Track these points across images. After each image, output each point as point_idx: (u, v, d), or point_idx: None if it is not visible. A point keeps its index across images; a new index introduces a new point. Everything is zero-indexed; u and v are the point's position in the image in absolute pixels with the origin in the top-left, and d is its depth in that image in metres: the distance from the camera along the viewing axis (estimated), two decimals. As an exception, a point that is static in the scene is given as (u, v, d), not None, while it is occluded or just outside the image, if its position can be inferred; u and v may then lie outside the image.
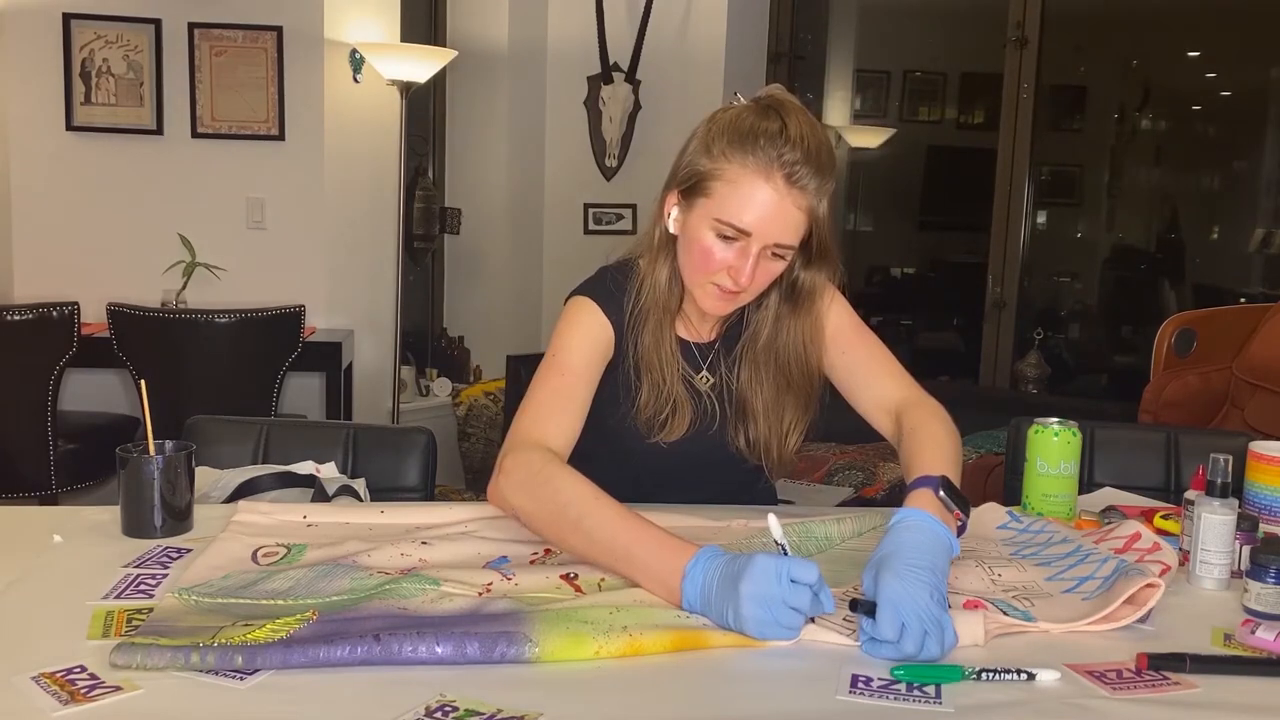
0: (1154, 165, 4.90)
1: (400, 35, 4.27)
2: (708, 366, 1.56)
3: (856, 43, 5.27)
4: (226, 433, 1.74)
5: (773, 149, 1.34)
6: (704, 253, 1.40)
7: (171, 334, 3.41)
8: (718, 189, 1.37)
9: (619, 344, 1.49)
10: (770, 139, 1.35)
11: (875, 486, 3.42)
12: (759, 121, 1.36)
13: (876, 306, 5.20)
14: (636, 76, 4.67)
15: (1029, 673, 1.02)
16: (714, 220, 1.38)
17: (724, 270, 1.39)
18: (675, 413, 1.49)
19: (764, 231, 1.36)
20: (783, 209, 1.35)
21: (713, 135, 1.40)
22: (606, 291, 1.51)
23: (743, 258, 1.38)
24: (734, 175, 1.36)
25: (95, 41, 3.98)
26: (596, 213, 4.75)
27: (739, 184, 1.36)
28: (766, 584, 1.05)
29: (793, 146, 1.34)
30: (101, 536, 1.33)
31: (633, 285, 1.50)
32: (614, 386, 1.50)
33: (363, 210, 4.23)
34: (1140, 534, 1.33)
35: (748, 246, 1.37)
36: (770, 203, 1.35)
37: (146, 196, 4.06)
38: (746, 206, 1.35)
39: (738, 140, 1.36)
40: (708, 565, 1.11)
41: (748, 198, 1.35)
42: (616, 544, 1.18)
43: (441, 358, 4.85)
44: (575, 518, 1.23)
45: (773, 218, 1.36)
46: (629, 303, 1.49)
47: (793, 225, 1.37)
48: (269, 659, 0.98)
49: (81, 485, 3.48)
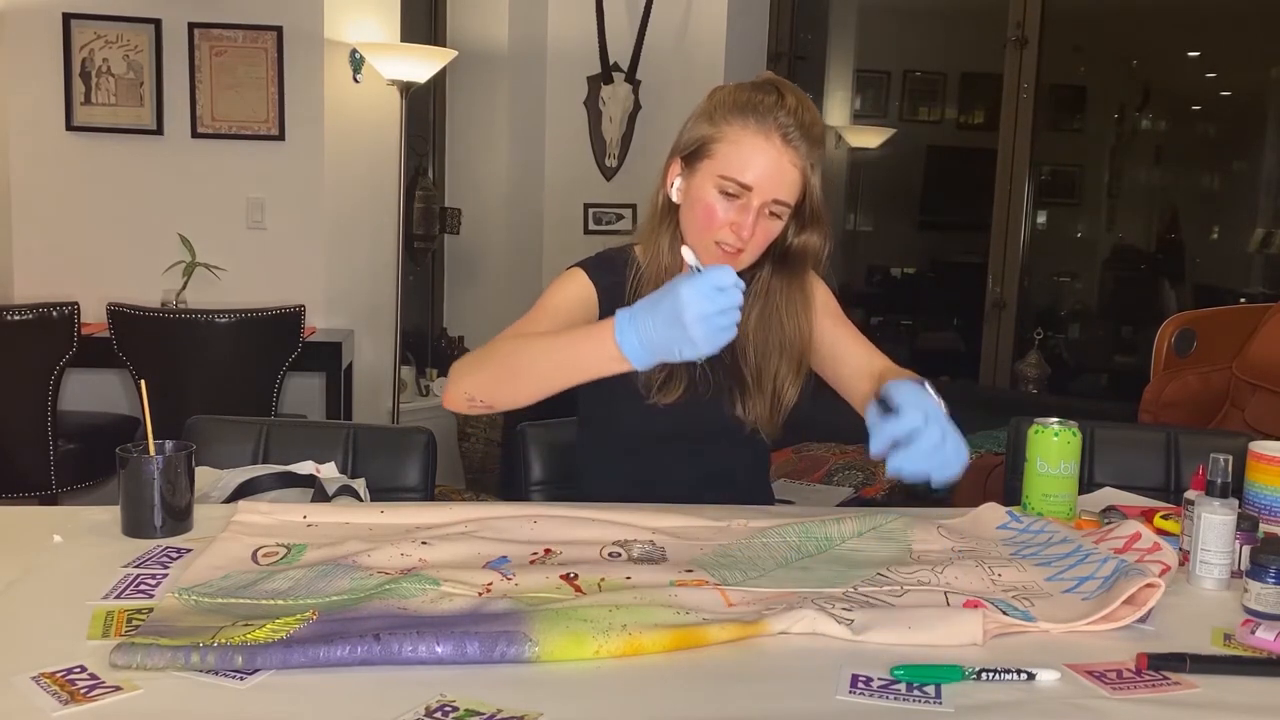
0: (1154, 165, 4.90)
1: (400, 35, 4.27)
2: None
3: (856, 43, 5.27)
4: (226, 433, 1.74)
5: (770, 115, 1.47)
6: (707, 210, 1.48)
7: (171, 334, 3.41)
8: (720, 150, 1.48)
9: (608, 304, 1.53)
10: (768, 107, 1.47)
11: (875, 486, 3.42)
12: (757, 94, 1.49)
13: (876, 306, 5.20)
14: (636, 76, 4.67)
15: (1029, 673, 1.02)
16: (718, 178, 1.47)
17: (726, 226, 1.48)
18: (672, 375, 1.55)
19: (764, 187, 1.46)
20: (780, 166, 1.46)
21: (714, 105, 1.52)
22: (599, 263, 1.60)
23: (744, 213, 1.47)
24: (735, 136, 1.47)
25: (95, 41, 3.98)
26: (596, 213, 4.75)
27: (740, 143, 1.47)
28: (701, 303, 1.15)
29: (788, 113, 1.47)
30: (101, 536, 1.33)
31: (631, 260, 1.59)
32: None
33: (363, 210, 4.23)
34: (1140, 534, 1.33)
35: (749, 202, 1.47)
36: (769, 159, 1.46)
37: (146, 196, 4.06)
38: (748, 164, 1.46)
39: (738, 108, 1.48)
40: (635, 318, 1.21)
41: (749, 155, 1.46)
42: (554, 349, 1.33)
43: (441, 358, 4.85)
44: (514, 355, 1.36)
45: (771, 174, 1.46)
46: (630, 274, 1.57)
47: (789, 183, 1.48)
48: (269, 659, 0.98)
49: (81, 485, 3.48)
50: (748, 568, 1.28)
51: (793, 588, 1.21)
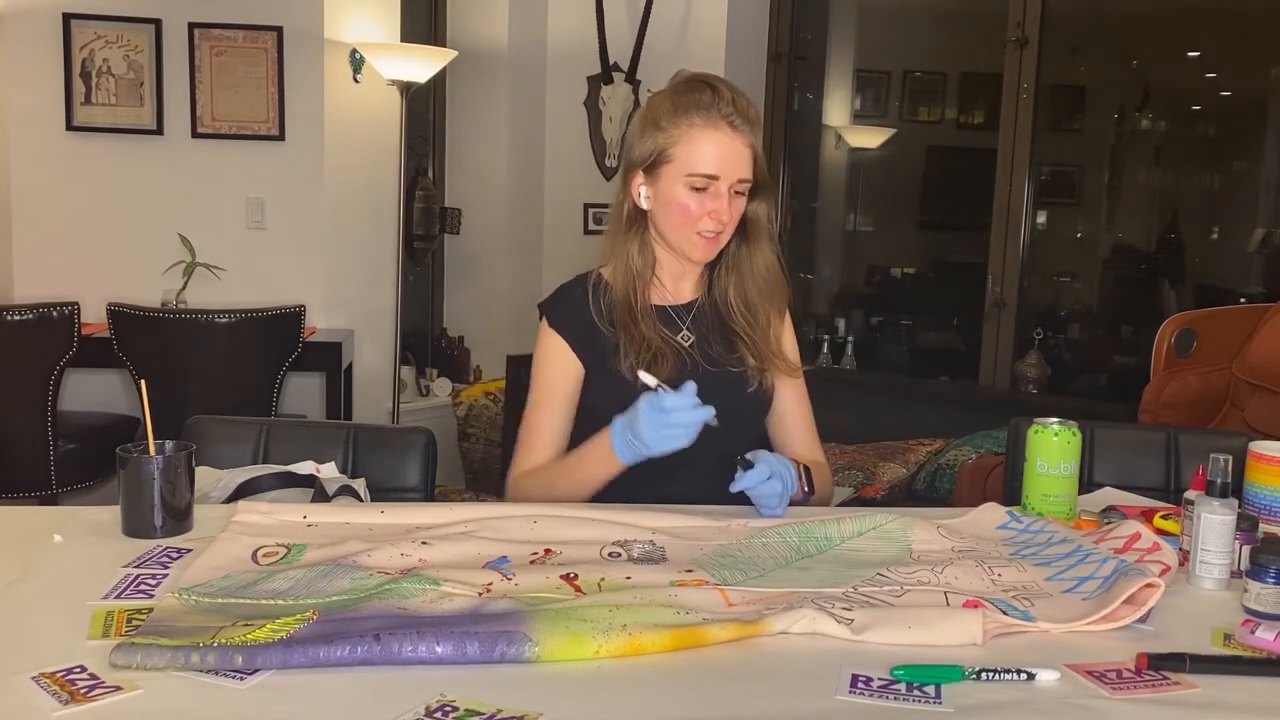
0: (1154, 165, 4.89)
1: (400, 35, 4.27)
2: (689, 324, 1.73)
3: (856, 43, 5.26)
4: (226, 433, 1.74)
5: (713, 108, 1.61)
6: (683, 209, 1.63)
7: (171, 334, 3.41)
8: (678, 152, 1.62)
9: (585, 344, 1.68)
10: (706, 100, 1.62)
11: (875, 486, 3.42)
12: (690, 94, 1.63)
13: (876, 306, 5.19)
14: (636, 76, 4.67)
15: (1029, 673, 1.02)
16: (685, 176, 1.62)
17: (704, 216, 1.63)
18: (657, 359, 1.63)
19: (727, 171, 1.61)
20: (735, 149, 1.62)
21: (655, 116, 1.65)
22: (560, 309, 1.71)
23: (718, 199, 1.62)
24: (688, 136, 1.62)
25: (95, 41, 3.98)
26: (596, 213, 4.75)
27: (695, 141, 1.61)
28: (651, 421, 1.45)
29: (727, 103, 1.62)
30: (101, 536, 1.33)
31: (596, 284, 1.71)
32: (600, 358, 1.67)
33: (363, 210, 4.23)
34: (1140, 534, 1.33)
35: (719, 188, 1.62)
36: (724, 146, 1.61)
37: (146, 196, 4.07)
38: (707, 155, 1.61)
39: (682, 110, 1.62)
40: (620, 433, 1.51)
41: (705, 149, 1.61)
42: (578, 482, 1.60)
43: (441, 358, 4.85)
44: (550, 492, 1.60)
45: (729, 158, 1.61)
46: (598, 298, 1.69)
47: (745, 161, 1.63)
48: (269, 659, 0.98)
49: (81, 485, 3.48)
50: (748, 568, 1.28)
51: (793, 588, 1.22)
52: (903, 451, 3.60)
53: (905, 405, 4.13)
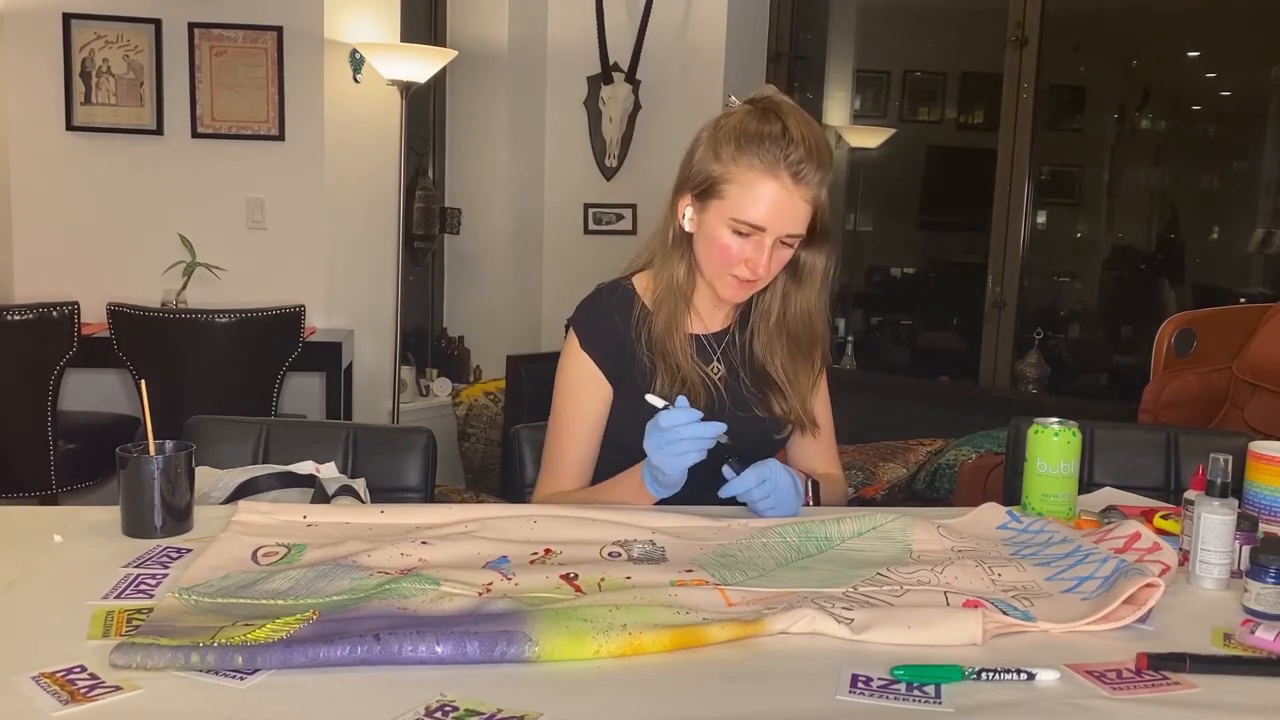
0: (1154, 165, 4.89)
1: (400, 35, 4.27)
2: (719, 355, 1.67)
3: (856, 43, 5.26)
4: (226, 433, 1.74)
5: (777, 149, 1.47)
6: (723, 250, 1.53)
7: (171, 334, 3.41)
8: (730, 191, 1.50)
9: (615, 366, 1.62)
10: (774, 140, 1.48)
11: (875, 486, 3.42)
12: (761, 125, 1.49)
13: (876, 306, 5.20)
14: (636, 76, 4.67)
15: (1029, 673, 1.02)
16: (730, 219, 1.51)
17: (742, 263, 1.52)
18: (690, 393, 1.56)
19: (775, 226, 1.50)
20: (791, 203, 1.49)
21: (720, 140, 1.52)
22: (593, 324, 1.63)
23: (759, 250, 1.51)
24: (744, 177, 1.49)
25: (95, 41, 3.98)
26: (596, 213, 4.75)
27: (750, 185, 1.49)
28: (653, 440, 1.40)
29: (795, 146, 1.47)
30: (101, 536, 1.33)
31: (632, 297, 1.64)
32: (628, 380, 1.61)
33: (363, 210, 4.24)
34: (1140, 534, 1.33)
35: (762, 240, 1.51)
36: (779, 199, 1.48)
37: (146, 196, 4.07)
38: (758, 205, 1.49)
39: (744, 144, 1.49)
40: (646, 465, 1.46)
41: (758, 197, 1.49)
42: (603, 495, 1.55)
43: (441, 358, 4.85)
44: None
45: (782, 212, 1.49)
46: (633, 312, 1.62)
47: (800, 217, 1.51)
48: (269, 659, 0.98)
49: (81, 485, 3.48)
50: (748, 568, 1.28)
51: (793, 588, 1.21)
52: (903, 451, 3.61)
53: (905, 405, 4.13)
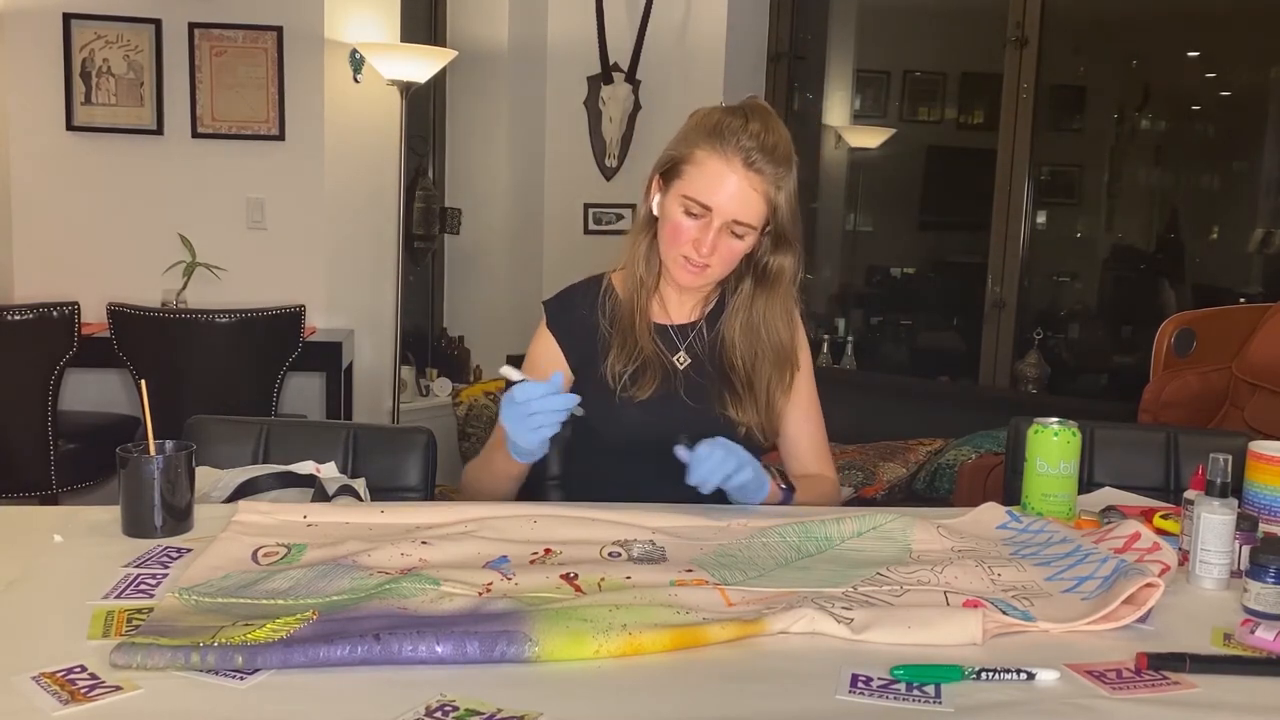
0: (1154, 165, 4.89)
1: (400, 35, 4.27)
2: (686, 347, 1.71)
3: (856, 43, 5.26)
4: (226, 433, 1.74)
5: (734, 137, 1.56)
6: (674, 227, 1.60)
7: (171, 334, 3.41)
8: (687, 171, 1.59)
9: (578, 347, 1.69)
10: (733, 131, 1.57)
11: (875, 486, 3.42)
12: (726, 118, 1.59)
13: (876, 306, 5.19)
14: (636, 76, 4.67)
15: (1029, 672, 1.02)
16: (682, 198, 1.59)
17: (690, 243, 1.59)
18: (645, 370, 1.64)
19: (723, 208, 1.57)
20: (740, 189, 1.56)
21: (690, 126, 1.62)
22: (561, 304, 1.72)
23: (705, 231, 1.58)
24: (700, 159, 1.58)
25: (95, 41, 3.98)
26: (596, 213, 4.75)
27: (703, 165, 1.57)
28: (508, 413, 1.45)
29: (751, 137, 1.56)
30: (101, 536, 1.33)
31: (603, 289, 1.71)
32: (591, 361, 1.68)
33: (363, 210, 4.24)
34: (1140, 534, 1.33)
35: (710, 221, 1.57)
36: (729, 182, 1.56)
37: (146, 196, 4.07)
38: (708, 186, 1.57)
39: (706, 131, 1.58)
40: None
41: (710, 178, 1.57)
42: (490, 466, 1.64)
43: (441, 358, 4.85)
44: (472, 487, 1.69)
45: (731, 195, 1.56)
46: (600, 302, 1.69)
47: (749, 205, 1.57)
48: (269, 659, 0.98)
49: (81, 485, 3.48)
50: (747, 567, 1.28)
51: (792, 587, 1.22)
52: (903, 451, 3.61)
53: (905, 405, 4.12)
